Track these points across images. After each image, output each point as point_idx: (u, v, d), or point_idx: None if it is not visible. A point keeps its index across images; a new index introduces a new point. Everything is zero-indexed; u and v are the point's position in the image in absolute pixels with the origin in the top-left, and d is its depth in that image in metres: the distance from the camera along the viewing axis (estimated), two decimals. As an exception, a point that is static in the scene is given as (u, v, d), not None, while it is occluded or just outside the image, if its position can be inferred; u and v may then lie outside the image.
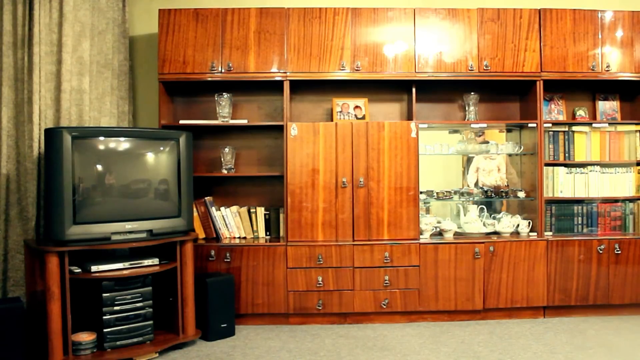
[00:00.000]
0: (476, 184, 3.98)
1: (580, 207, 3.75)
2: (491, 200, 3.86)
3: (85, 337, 2.83)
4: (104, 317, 2.86)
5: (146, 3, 3.92)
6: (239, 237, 3.72)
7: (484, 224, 3.73)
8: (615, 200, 3.77)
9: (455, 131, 3.93)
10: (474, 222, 3.73)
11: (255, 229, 3.75)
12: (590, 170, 3.73)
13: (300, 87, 3.80)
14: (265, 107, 3.90)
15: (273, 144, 3.87)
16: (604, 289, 3.58)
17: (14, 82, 3.14)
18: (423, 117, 3.84)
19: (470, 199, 3.80)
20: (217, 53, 3.56)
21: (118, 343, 2.89)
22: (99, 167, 2.93)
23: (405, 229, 3.52)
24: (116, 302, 2.90)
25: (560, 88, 3.88)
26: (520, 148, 3.82)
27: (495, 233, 3.73)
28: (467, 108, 3.84)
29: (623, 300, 3.60)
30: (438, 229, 3.74)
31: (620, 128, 3.84)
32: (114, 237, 2.85)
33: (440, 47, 3.60)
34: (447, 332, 3.35)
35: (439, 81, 3.66)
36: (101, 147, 2.94)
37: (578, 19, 3.64)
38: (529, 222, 3.69)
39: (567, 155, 3.75)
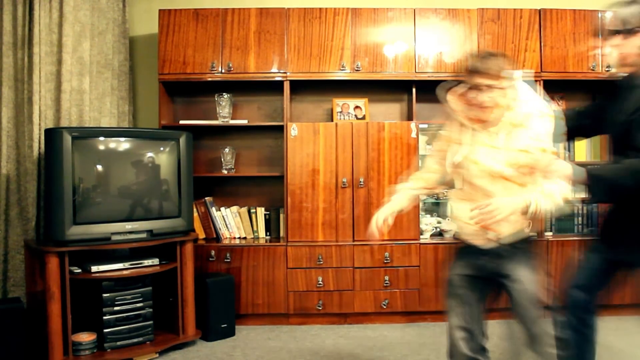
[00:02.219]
0: None
1: (580, 208, 3.75)
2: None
3: (86, 337, 2.83)
4: (104, 317, 2.86)
5: (146, 3, 3.92)
6: (239, 238, 3.72)
7: (484, 224, 3.73)
8: (615, 201, 3.76)
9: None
10: (474, 222, 3.72)
11: (255, 229, 3.75)
12: (591, 171, 3.73)
13: (301, 87, 3.80)
14: (266, 107, 3.90)
15: (273, 144, 3.87)
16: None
17: (14, 82, 3.13)
18: (423, 117, 3.83)
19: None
20: (217, 53, 3.56)
21: (118, 343, 2.89)
22: (99, 168, 2.93)
23: (406, 229, 3.52)
24: (116, 303, 2.90)
25: (560, 88, 3.88)
26: (521, 148, 3.82)
27: (496, 233, 3.72)
28: (467, 108, 3.83)
29: (623, 300, 3.59)
30: (438, 229, 3.74)
31: (620, 128, 3.84)
32: (114, 238, 2.85)
33: (440, 47, 3.60)
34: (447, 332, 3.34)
35: (439, 81, 3.64)
36: (101, 147, 2.94)
37: (578, 19, 3.64)
38: (529, 223, 3.68)
39: (567, 155, 3.75)
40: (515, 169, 1.82)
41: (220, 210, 3.69)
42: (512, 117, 1.83)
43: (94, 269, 2.82)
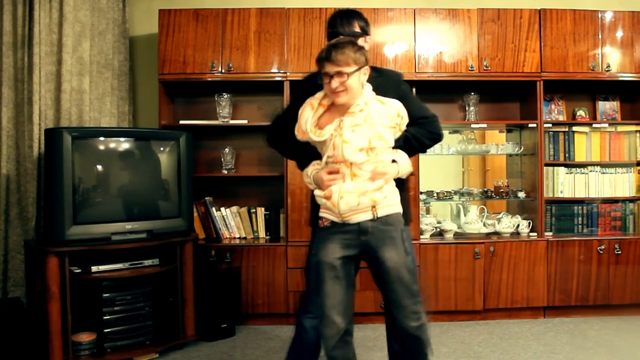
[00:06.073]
0: None
1: (580, 208, 3.75)
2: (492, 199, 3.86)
3: (86, 338, 2.83)
4: (104, 318, 2.86)
5: (146, 3, 3.92)
6: (239, 238, 3.72)
7: (484, 224, 3.73)
8: (615, 201, 3.77)
9: (456, 131, 3.93)
10: (474, 222, 3.73)
11: (255, 229, 3.75)
12: (591, 171, 3.73)
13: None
14: (266, 107, 3.90)
15: (273, 144, 3.86)
16: (604, 289, 3.58)
17: (14, 82, 3.13)
18: (423, 117, 3.83)
19: (471, 199, 3.81)
20: (217, 53, 3.55)
21: (118, 343, 2.89)
22: (99, 168, 2.93)
23: (406, 229, 3.52)
24: (116, 303, 2.90)
25: (560, 88, 3.88)
26: (521, 148, 3.82)
27: (496, 233, 3.73)
28: (467, 108, 3.84)
29: (623, 300, 3.60)
30: (438, 229, 3.74)
31: (620, 128, 3.85)
32: (114, 238, 2.85)
33: (440, 47, 3.60)
34: (447, 332, 3.35)
35: (439, 81, 3.66)
36: (101, 147, 2.94)
37: (578, 19, 3.64)
38: (529, 223, 3.69)
39: (567, 155, 3.75)
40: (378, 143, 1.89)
41: (220, 210, 3.69)
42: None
43: (94, 269, 2.82)
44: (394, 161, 1.95)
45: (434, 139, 2.11)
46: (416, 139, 2.05)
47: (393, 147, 1.96)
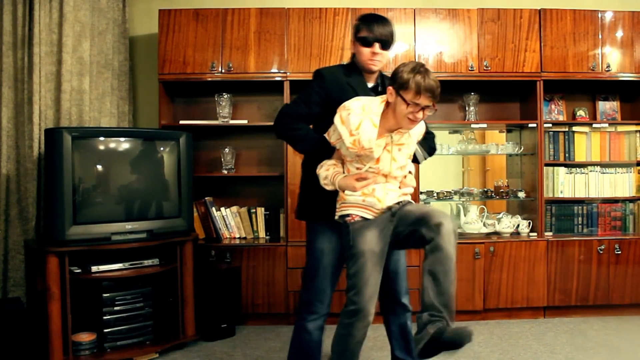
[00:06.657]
0: None
1: (580, 208, 3.75)
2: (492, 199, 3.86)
3: (85, 338, 2.83)
4: (104, 317, 2.87)
5: (146, 3, 3.92)
6: (239, 237, 3.72)
7: (484, 224, 3.73)
8: (615, 201, 3.77)
9: (456, 131, 3.93)
10: (474, 222, 3.73)
11: (255, 229, 3.75)
12: (591, 171, 3.74)
13: (300, 88, 3.78)
14: (266, 107, 3.90)
15: (273, 144, 3.86)
16: (604, 289, 3.58)
17: (14, 82, 3.14)
18: (423, 117, 3.83)
19: (471, 199, 3.81)
20: (217, 53, 3.56)
21: (118, 343, 2.90)
22: (99, 167, 2.93)
23: (406, 229, 3.52)
24: (116, 302, 2.90)
25: (560, 88, 3.88)
26: (521, 148, 3.82)
27: (496, 233, 3.73)
28: (467, 108, 3.84)
29: (623, 300, 3.61)
30: (438, 229, 3.73)
31: (620, 128, 3.85)
32: (114, 238, 2.85)
33: (440, 47, 3.60)
34: (447, 333, 3.34)
35: (439, 81, 3.64)
36: (101, 147, 2.94)
37: (578, 19, 3.64)
38: (529, 223, 3.69)
39: (567, 155, 3.75)
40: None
41: (220, 210, 3.69)
42: None
43: (94, 269, 2.82)
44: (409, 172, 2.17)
45: (431, 154, 2.36)
46: (418, 153, 2.27)
47: None
